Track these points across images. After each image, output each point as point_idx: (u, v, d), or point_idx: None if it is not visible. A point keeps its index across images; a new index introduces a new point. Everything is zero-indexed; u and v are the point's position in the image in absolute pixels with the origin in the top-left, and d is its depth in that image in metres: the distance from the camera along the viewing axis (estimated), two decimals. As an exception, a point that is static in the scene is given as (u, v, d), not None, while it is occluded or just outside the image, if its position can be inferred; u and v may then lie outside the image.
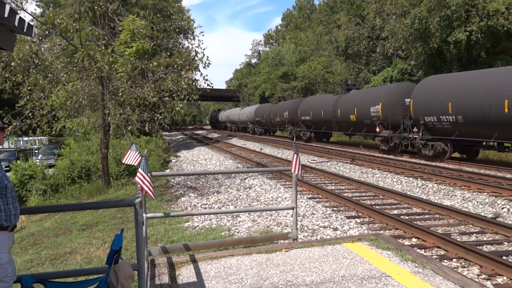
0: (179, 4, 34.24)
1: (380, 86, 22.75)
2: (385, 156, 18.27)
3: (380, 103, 19.46)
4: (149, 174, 4.05)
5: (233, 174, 13.59)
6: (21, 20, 3.15)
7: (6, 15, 2.86)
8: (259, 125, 42.52)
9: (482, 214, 7.70)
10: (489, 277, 4.73)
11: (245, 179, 12.67)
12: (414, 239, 6.26)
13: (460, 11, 21.00)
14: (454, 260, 5.31)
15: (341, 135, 27.16)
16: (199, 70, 33.12)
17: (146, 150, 6.59)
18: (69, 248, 6.99)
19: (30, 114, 11.51)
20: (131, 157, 4.89)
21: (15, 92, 11.44)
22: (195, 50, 15.33)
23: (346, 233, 6.70)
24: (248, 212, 8.12)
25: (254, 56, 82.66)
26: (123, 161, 4.95)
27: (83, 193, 13.92)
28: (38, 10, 42.07)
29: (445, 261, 5.25)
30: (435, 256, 5.44)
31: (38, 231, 9.25)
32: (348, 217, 7.67)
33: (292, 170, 5.18)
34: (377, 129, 19.69)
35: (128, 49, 14.89)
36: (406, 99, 18.58)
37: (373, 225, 7.16)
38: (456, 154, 16.92)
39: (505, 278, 4.68)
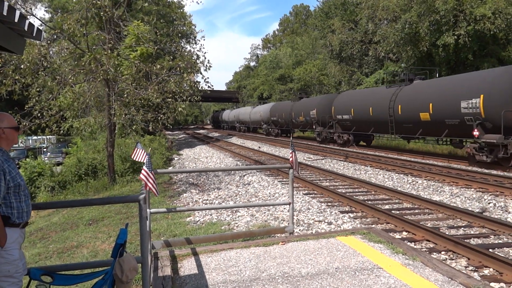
0: (181, 10, 34.16)
1: (478, 72, 15.55)
2: (480, 171, 12.08)
3: (481, 96, 13.16)
4: (152, 172, 4.05)
5: (232, 171, 13.62)
6: (31, 25, 3.14)
7: (16, 20, 2.85)
8: (275, 126, 36.22)
9: (470, 208, 7.70)
10: (476, 269, 4.73)
11: (244, 176, 12.67)
12: (404, 233, 6.26)
13: (449, 16, 21.04)
14: (442, 252, 5.32)
15: (397, 138, 19.84)
16: (201, 73, 33.10)
17: (149, 148, 6.59)
18: (75, 242, 6.97)
19: (39, 114, 11.50)
20: (139, 155, 4.94)
21: (25, 93, 11.42)
22: (197, 53, 15.35)
23: (340, 227, 6.71)
24: (247, 207, 8.12)
25: (253, 60, 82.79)
26: (131, 157, 5.03)
27: (89, 190, 13.88)
28: (47, 16, 42.01)
29: (434, 253, 5.26)
30: (425, 249, 5.44)
31: (46, 226, 9.22)
32: (342, 212, 7.67)
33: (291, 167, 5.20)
34: (475, 132, 13.36)
35: (133, 52, 14.88)
36: None
37: (365, 219, 7.16)
38: None
39: (491, 269, 4.69)
